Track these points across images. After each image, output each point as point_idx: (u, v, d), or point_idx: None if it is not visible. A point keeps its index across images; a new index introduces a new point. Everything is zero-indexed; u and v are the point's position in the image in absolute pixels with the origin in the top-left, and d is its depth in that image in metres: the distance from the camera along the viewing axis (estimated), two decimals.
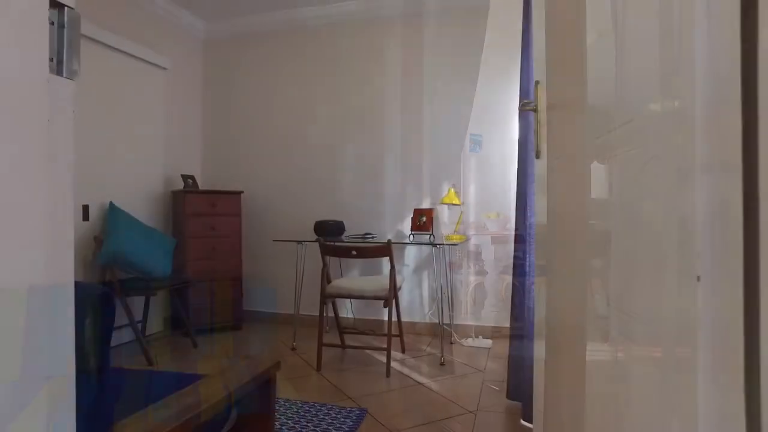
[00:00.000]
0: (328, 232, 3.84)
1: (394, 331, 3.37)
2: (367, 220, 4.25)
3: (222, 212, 4.14)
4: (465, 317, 3.96)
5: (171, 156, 4.37)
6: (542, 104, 1.43)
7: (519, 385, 2.50)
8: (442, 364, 3.26)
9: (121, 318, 3.63)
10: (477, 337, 3.82)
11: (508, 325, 3.80)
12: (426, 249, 4.06)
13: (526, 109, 1.46)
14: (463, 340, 3.78)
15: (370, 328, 4.13)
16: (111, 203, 3.58)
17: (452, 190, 3.82)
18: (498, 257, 3.88)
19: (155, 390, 1.39)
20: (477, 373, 3.11)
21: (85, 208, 3.46)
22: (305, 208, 4.42)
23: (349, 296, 3.13)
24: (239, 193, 4.24)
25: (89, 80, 3.51)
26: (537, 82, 1.47)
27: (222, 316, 4.12)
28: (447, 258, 3.94)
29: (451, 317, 3.94)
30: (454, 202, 3.78)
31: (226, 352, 3.57)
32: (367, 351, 3.48)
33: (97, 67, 3.58)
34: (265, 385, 1.54)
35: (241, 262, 4.23)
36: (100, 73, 3.60)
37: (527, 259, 2.42)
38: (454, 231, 3.86)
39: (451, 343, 3.77)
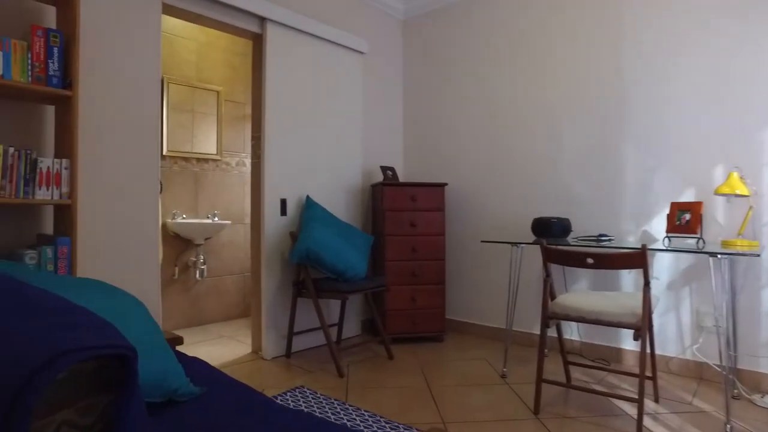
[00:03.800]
0: (550, 232, 3.03)
1: (636, 368, 2.41)
2: (600, 218, 3.30)
3: (423, 207, 3.66)
4: (755, 360, 2.73)
5: (370, 146, 4.09)
6: None
7: None
8: None
9: (315, 320, 3.42)
10: None
11: None
12: (686, 258, 2.94)
13: None
14: (756, 397, 2.57)
15: (603, 357, 3.20)
16: (308, 197, 3.39)
17: (735, 174, 2.64)
18: None
19: None
20: None
21: (283, 202, 3.32)
22: (520, 203, 3.67)
23: (582, 320, 2.29)
24: (442, 185, 3.71)
25: (290, 70, 3.38)
26: None
27: (422, 326, 3.64)
28: (726, 271, 2.76)
29: (731, 358, 2.74)
30: (738, 192, 2.60)
31: (424, 370, 3.05)
32: (602, 394, 2.57)
33: (296, 56, 3.43)
34: None
35: (444, 264, 3.69)
36: (299, 61, 3.45)
37: None
38: (739, 234, 2.67)
39: (734, 397, 2.60)
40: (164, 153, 3.95)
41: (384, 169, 3.84)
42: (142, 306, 1.70)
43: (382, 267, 3.62)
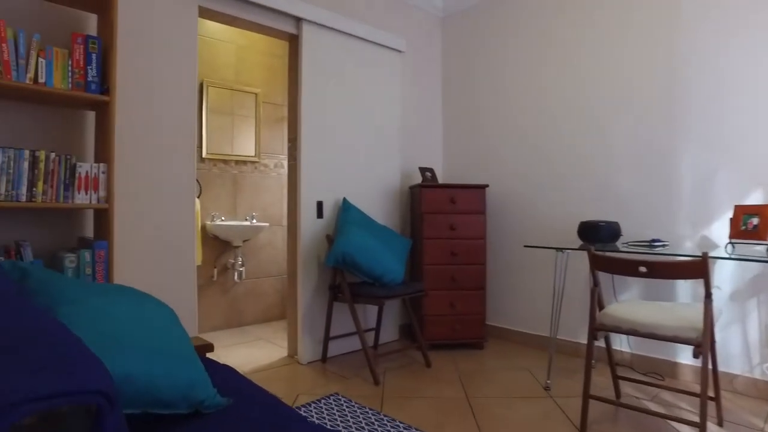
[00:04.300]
0: (598, 236, 2.86)
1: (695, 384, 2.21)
2: (653, 221, 3.08)
3: (463, 209, 3.54)
4: None
5: (409, 147, 3.99)
6: None
7: None
8: None
9: (351, 324, 3.36)
10: None
11: None
12: (753, 267, 2.69)
13: None
14: None
15: (656, 371, 2.98)
16: (344, 199, 3.33)
17: None
18: None
19: None
20: None
21: (320, 205, 3.28)
22: (566, 205, 3.49)
23: (634, 333, 2.12)
24: (483, 186, 3.58)
25: (326, 70, 3.33)
26: None
27: (461, 332, 3.52)
28: None
29: None
30: None
31: (463, 379, 2.94)
32: (657, 415, 2.38)
33: (332, 56, 3.38)
34: None
35: (485, 269, 3.56)
36: (336, 61, 3.39)
37: None
38: None
39: None
40: (204, 156, 4.00)
41: (423, 170, 3.74)
42: (172, 313, 1.67)
43: (420, 271, 3.52)
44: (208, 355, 1.94)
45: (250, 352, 3.49)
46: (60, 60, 2.12)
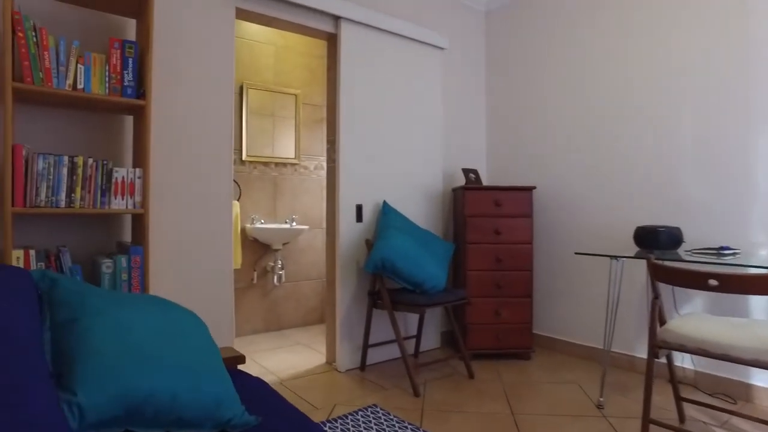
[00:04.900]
0: (657, 243, 2.63)
1: None
2: (719, 227, 2.81)
3: (508, 213, 3.37)
4: None
5: (452, 147, 3.85)
6: None
7: None
8: None
9: (391, 332, 3.26)
10: None
11: None
12: None
13: None
14: None
15: (725, 393, 2.72)
16: (384, 203, 3.23)
17: None
18: None
19: None
20: None
21: (359, 208, 3.19)
22: (620, 208, 3.25)
23: (703, 353, 1.90)
24: (530, 189, 3.39)
25: (365, 69, 3.24)
26: None
27: (506, 341, 3.35)
28: None
29: None
30: None
31: (508, 393, 2.77)
32: None
33: (372, 54, 3.28)
34: None
35: (532, 276, 3.37)
36: (375, 60, 3.29)
37: None
38: None
39: None
40: (244, 158, 3.99)
41: (466, 171, 3.58)
42: (201, 324, 1.61)
43: (463, 277, 3.37)
44: (240, 366, 1.88)
45: (289, 358, 3.44)
46: (98, 65, 2.12)
